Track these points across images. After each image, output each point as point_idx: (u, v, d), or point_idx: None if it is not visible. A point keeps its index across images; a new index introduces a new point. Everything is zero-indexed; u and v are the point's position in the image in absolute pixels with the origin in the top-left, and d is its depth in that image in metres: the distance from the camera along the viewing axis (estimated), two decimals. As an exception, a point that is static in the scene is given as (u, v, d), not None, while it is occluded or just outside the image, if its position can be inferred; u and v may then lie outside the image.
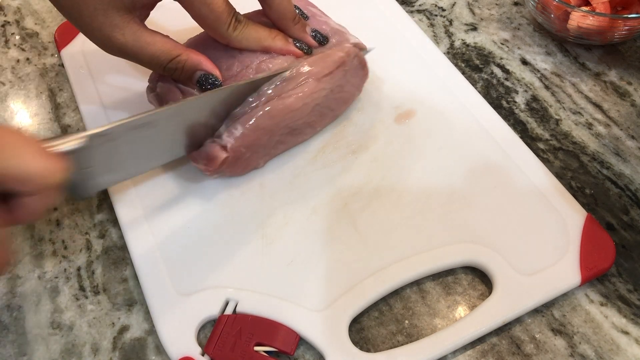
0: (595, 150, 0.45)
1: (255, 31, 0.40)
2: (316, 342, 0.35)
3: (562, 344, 0.36)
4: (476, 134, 0.45)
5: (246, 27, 0.39)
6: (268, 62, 0.40)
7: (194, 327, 0.36)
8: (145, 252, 0.39)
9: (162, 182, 0.42)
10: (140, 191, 0.42)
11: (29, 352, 0.36)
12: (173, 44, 0.38)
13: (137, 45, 0.37)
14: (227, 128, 0.39)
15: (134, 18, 0.37)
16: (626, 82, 0.50)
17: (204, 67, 0.39)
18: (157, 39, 0.38)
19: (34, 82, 0.51)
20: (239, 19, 0.39)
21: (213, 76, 0.39)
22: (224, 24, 0.38)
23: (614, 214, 0.42)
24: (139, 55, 0.38)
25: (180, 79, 0.39)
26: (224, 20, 0.38)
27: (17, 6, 0.58)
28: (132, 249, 0.39)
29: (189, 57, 0.38)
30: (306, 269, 0.38)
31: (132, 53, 0.38)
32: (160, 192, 0.42)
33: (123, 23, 0.37)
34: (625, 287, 0.38)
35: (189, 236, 0.40)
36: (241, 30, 0.39)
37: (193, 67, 0.39)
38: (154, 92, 0.42)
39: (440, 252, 0.38)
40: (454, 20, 0.56)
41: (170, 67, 0.38)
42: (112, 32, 0.36)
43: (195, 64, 0.39)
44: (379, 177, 0.42)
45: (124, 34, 0.37)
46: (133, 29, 0.37)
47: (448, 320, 0.37)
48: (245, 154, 0.40)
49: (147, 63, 0.39)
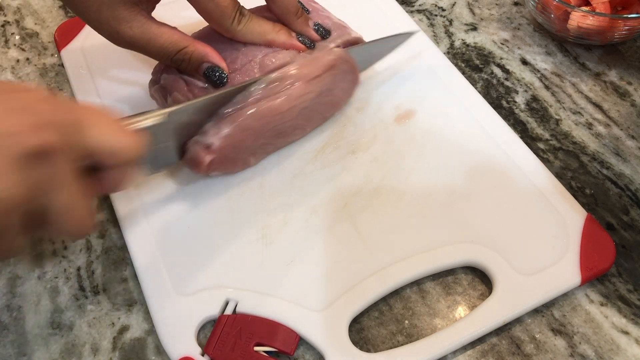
0: (595, 150, 0.45)
1: (259, 25, 0.40)
2: (316, 342, 0.35)
3: (562, 344, 0.36)
4: (476, 134, 0.45)
5: (250, 21, 0.40)
6: (271, 56, 0.40)
7: (194, 327, 0.36)
8: (145, 252, 0.39)
9: (161, 183, 0.42)
10: (140, 191, 0.42)
11: (29, 352, 0.36)
12: (180, 35, 0.39)
13: (145, 37, 0.38)
14: (213, 126, 0.38)
15: (140, 11, 0.38)
16: (626, 82, 0.50)
17: (211, 59, 0.39)
18: (164, 30, 0.38)
19: (34, 82, 0.51)
20: (243, 12, 0.40)
21: (219, 68, 0.39)
22: (229, 18, 0.39)
23: (614, 214, 0.42)
24: (147, 47, 0.38)
25: (187, 70, 0.40)
26: (228, 14, 0.38)
27: (17, 6, 0.58)
28: (132, 249, 0.39)
29: (196, 49, 0.39)
30: (306, 269, 0.38)
31: (140, 45, 0.38)
32: (160, 192, 0.42)
33: (130, 16, 0.37)
34: (625, 287, 0.38)
35: (189, 236, 0.40)
36: (245, 24, 0.40)
37: (200, 59, 0.39)
38: (158, 84, 0.42)
39: (440, 252, 0.38)
40: (454, 20, 0.56)
41: (177, 58, 0.39)
42: (119, 25, 0.37)
43: (202, 55, 0.39)
44: (379, 177, 0.42)
45: (132, 27, 0.37)
46: (140, 21, 0.38)
47: (448, 320, 0.37)
48: (231, 153, 0.40)
49: (155, 54, 0.39)
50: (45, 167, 0.26)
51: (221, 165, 0.40)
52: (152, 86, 0.42)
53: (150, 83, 0.43)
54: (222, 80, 0.39)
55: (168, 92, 0.41)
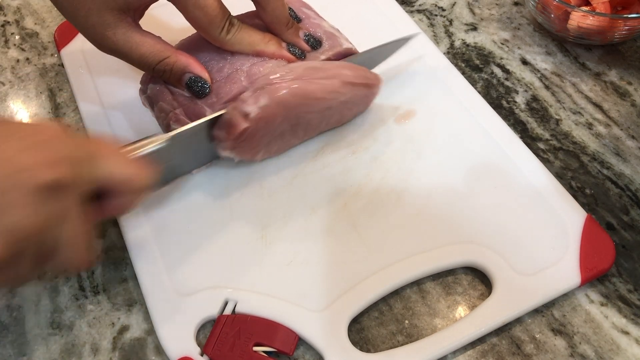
0: (596, 150, 0.45)
1: (248, 35, 0.40)
2: (315, 343, 0.35)
3: (562, 344, 0.36)
4: (476, 134, 0.45)
5: (239, 31, 0.40)
6: (259, 66, 0.40)
7: (193, 327, 0.36)
8: (145, 252, 0.39)
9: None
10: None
11: (29, 352, 0.36)
12: (163, 45, 0.39)
13: (127, 45, 0.38)
14: (251, 96, 0.38)
15: (126, 18, 0.38)
16: (626, 82, 0.50)
17: (192, 69, 0.39)
18: (146, 39, 0.38)
19: (34, 82, 0.51)
20: (232, 22, 0.39)
21: (201, 79, 0.39)
22: (217, 27, 0.38)
23: (614, 214, 0.42)
24: (128, 55, 0.38)
25: (170, 80, 0.40)
26: (217, 23, 0.38)
27: (17, 6, 0.58)
28: (132, 249, 0.39)
29: (177, 59, 0.39)
30: (306, 269, 0.38)
31: (122, 52, 0.38)
32: (160, 192, 0.41)
33: (115, 22, 0.37)
34: (625, 287, 0.38)
35: (189, 236, 0.40)
36: (234, 34, 0.39)
37: (181, 69, 0.39)
38: (145, 95, 0.42)
39: (440, 252, 0.38)
40: (454, 20, 0.56)
41: (159, 68, 0.39)
42: (104, 31, 0.37)
43: (184, 66, 0.39)
44: (379, 177, 0.42)
45: (115, 34, 0.38)
46: (124, 28, 0.38)
47: (448, 320, 0.37)
48: (260, 131, 0.39)
49: (137, 63, 0.39)
50: (59, 200, 0.28)
51: (247, 143, 0.39)
52: (142, 95, 0.43)
53: (140, 92, 0.43)
54: (205, 91, 0.39)
55: (154, 102, 0.41)
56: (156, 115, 0.41)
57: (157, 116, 0.41)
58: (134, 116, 0.46)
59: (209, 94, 0.39)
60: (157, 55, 0.38)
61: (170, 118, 0.39)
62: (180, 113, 0.39)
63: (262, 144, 0.41)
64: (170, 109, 0.40)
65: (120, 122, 0.46)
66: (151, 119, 0.43)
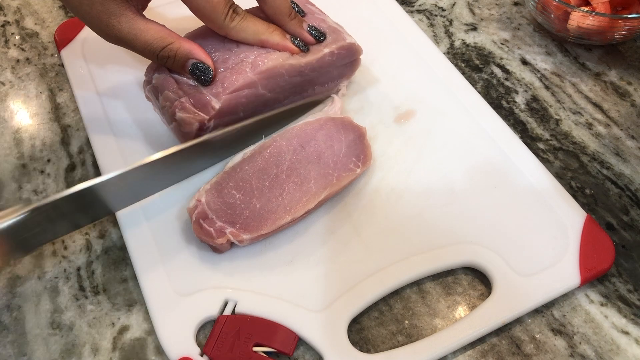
0: (595, 150, 0.45)
1: (253, 24, 0.40)
2: (315, 343, 0.35)
3: (562, 344, 0.36)
4: (476, 134, 0.45)
5: (244, 20, 0.40)
6: (264, 57, 0.40)
7: (193, 328, 0.36)
8: (144, 253, 0.39)
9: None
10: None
11: (29, 352, 0.36)
12: (167, 32, 0.39)
13: (132, 32, 0.38)
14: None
15: (130, 7, 0.38)
16: (626, 82, 0.50)
17: (196, 55, 0.39)
18: (151, 26, 0.39)
19: (34, 82, 0.51)
20: (236, 10, 0.40)
21: (205, 65, 0.39)
22: (221, 14, 0.39)
23: (614, 214, 0.42)
24: (133, 42, 0.39)
25: (174, 67, 0.40)
26: (220, 10, 0.39)
27: (17, 6, 0.58)
28: (132, 249, 0.39)
29: (181, 46, 0.39)
30: (305, 269, 0.38)
31: (127, 40, 0.39)
32: (159, 192, 0.41)
33: (119, 11, 0.38)
34: (625, 287, 0.38)
35: (189, 236, 0.40)
36: (239, 22, 0.40)
37: (185, 56, 0.39)
38: (150, 84, 0.42)
39: (439, 253, 0.38)
40: (454, 20, 0.56)
41: (162, 55, 0.39)
42: (108, 19, 0.38)
43: (188, 51, 0.39)
44: (379, 177, 0.42)
45: (120, 22, 0.38)
46: (129, 16, 0.38)
47: (448, 320, 0.37)
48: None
49: (141, 50, 0.39)
50: None
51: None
52: (146, 86, 0.43)
53: (144, 83, 0.43)
54: (208, 77, 0.39)
55: (159, 91, 0.41)
56: (161, 104, 0.41)
57: (162, 106, 0.41)
58: (134, 116, 0.46)
59: (215, 84, 0.40)
60: (161, 41, 0.39)
61: (176, 106, 0.40)
62: (186, 101, 0.39)
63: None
64: (176, 97, 0.40)
65: (120, 122, 0.46)
66: (152, 117, 0.43)
